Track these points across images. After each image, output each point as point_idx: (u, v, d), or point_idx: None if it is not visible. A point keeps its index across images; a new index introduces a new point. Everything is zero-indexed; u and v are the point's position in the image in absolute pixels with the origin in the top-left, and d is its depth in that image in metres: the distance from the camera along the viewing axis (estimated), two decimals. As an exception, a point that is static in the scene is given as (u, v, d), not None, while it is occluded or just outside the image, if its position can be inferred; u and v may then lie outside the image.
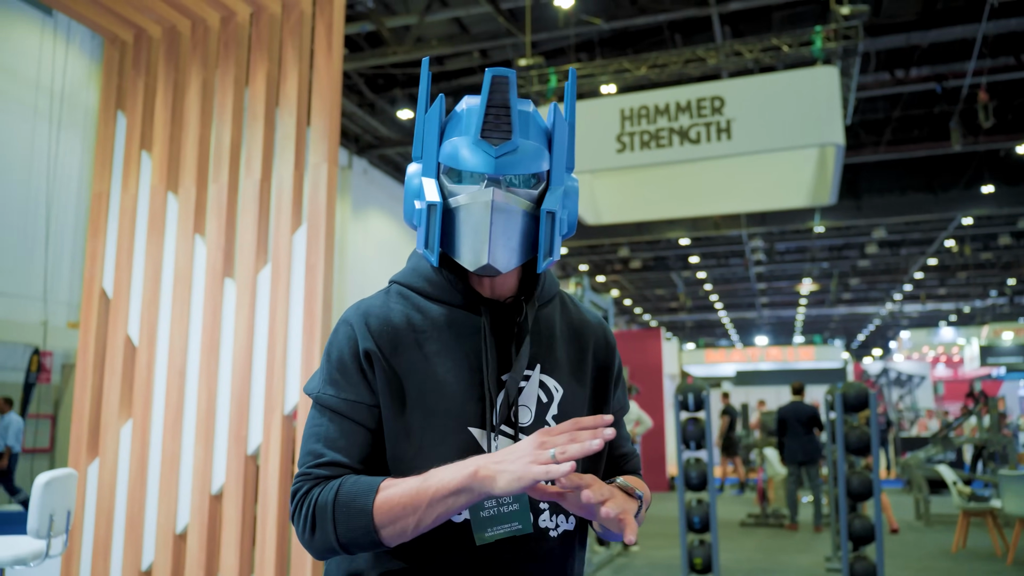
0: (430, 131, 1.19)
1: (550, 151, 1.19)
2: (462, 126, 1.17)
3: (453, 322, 1.20)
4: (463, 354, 1.18)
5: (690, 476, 5.92)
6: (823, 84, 8.67)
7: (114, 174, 4.36)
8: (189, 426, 3.92)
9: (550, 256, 1.17)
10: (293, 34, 4.04)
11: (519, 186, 1.16)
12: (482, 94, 1.13)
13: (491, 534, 1.11)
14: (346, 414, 1.17)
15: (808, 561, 7.17)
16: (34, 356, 11.04)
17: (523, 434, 1.17)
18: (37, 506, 3.22)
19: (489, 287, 1.22)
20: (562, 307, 1.32)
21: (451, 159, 1.16)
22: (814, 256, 22.35)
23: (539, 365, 1.22)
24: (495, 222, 1.12)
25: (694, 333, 37.58)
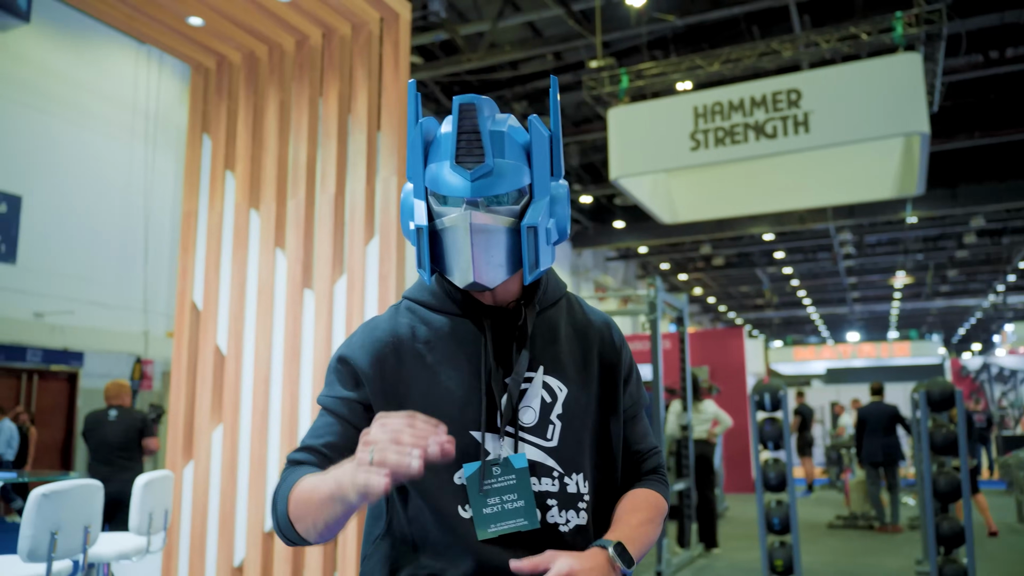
0: (415, 153, 1.25)
1: (530, 164, 1.23)
2: (442, 150, 1.22)
3: (455, 331, 1.27)
4: (465, 360, 1.24)
5: (768, 477, 5.85)
6: (905, 71, 8.39)
7: (201, 194, 4.63)
8: (274, 429, 4.14)
9: (537, 267, 1.21)
10: (362, 53, 4.22)
11: (501, 203, 1.20)
12: (452, 121, 1.19)
13: (494, 530, 1.17)
14: (332, 409, 1.26)
15: (897, 564, 6.97)
16: (136, 364, 11.71)
17: (528, 434, 1.23)
18: (138, 505, 3.48)
19: (491, 296, 1.27)
20: (568, 309, 1.36)
21: (433, 183, 1.22)
22: (907, 248, 21.53)
23: (542, 367, 1.27)
24: (476, 243, 1.18)
25: (781, 330, 36.67)
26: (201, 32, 4.35)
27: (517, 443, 1.22)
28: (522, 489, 1.19)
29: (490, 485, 1.19)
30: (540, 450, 1.23)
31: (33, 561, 2.66)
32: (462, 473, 1.21)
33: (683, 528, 7.27)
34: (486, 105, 1.20)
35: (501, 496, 1.18)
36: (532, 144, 1.23)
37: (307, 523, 1.14)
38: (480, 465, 1.20)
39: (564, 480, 1.23)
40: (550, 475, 1.23)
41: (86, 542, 2.89)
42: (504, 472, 1.20)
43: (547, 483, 1.22)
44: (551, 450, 1.24)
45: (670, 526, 7.73)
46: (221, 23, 4.26)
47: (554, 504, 1.22)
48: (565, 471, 1.24)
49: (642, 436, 1.39)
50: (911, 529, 8.87)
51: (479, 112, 1.18)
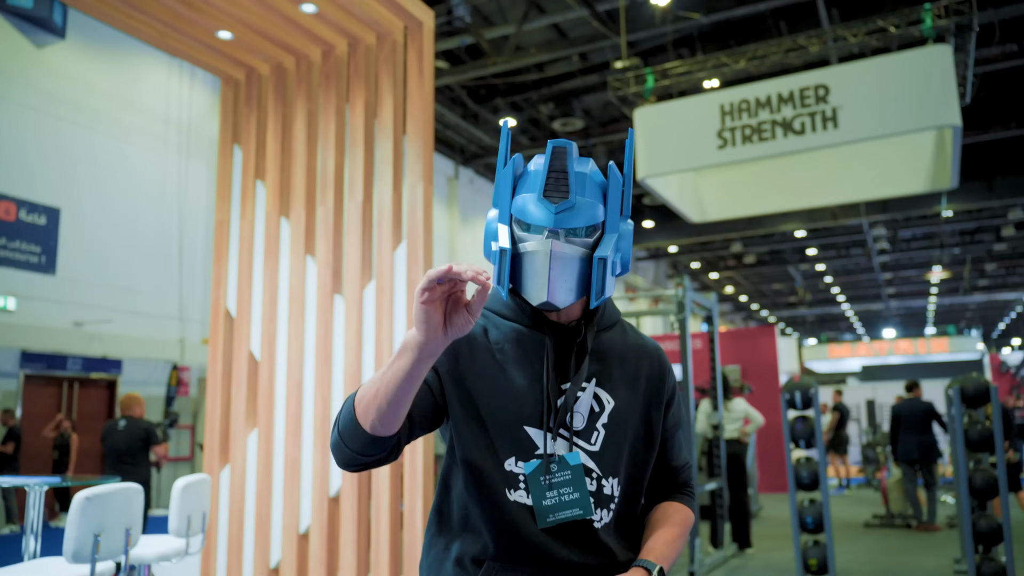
0: (505, 185, 1.41)
1: (605, 203, 1.39)
2: (529, 183, 1.39)
3: (522, 338, 1.42)
4: (528, 364, 1.40)
5: (800, 475, 5.81)
6: (935, 63, 8.28)
7: (233, 203, 4.73)
8: (307, 433, 4.22)
9: (602, 295, 1.37)
10: (387, 62, 4.29)
11: (578, 235, 1.36)
12: (544, 161, 1.37)
13: (553, 519, 1.33)
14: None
15: (935, 563, 6.88)
16: (173, 371, 11.94)
17: (577, 438, 1.38)
18: (176, 508, 3.58)
19: (556, 314, 1.43)
20: (621, 333, 1.52)
21: (520, 212, 1.38)
22: (943, 242, 21.19)
23: (595, 379, 1.42)
24: (553, 268, 1.34)
25: (815, 328, 36.25)
26: (230, 45, 4.45)
27: (572, 444, 1.37)
28: (577, 483, 1.35)
29: (549, 480, 1.34)
30: (584, 453, 1.38)
31: (78, 562, 2.75)
32: (513, 461, 1.36)
33: (716, 528, 7.24)
34: (573, 148, 1.39)
35: (559, 489, 1.34)
36: (608, 186, 1.41)
37: (372, 407, 1.25)
38: (539, 462, 1.35)
39: (601, 482, 1.39)
40: (590, 475, 1.38)
41: (127, 544, 2.98)
42: (560, 468, 1.35)
43: (587, 482, 1.37)
44: (593, 454, 1.39)
45: (702, 526, 7.70)
46: (250, 36, 4.35)
47: (592, 501, 1.37)
48: (603, 474, 1.39)
49: (678, 452, 1.55)
50: (949, 528, 8.74)
51: (568, 155, 1.37)
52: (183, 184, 12.32)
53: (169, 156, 12.19)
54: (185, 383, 11.97)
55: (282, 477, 4.27)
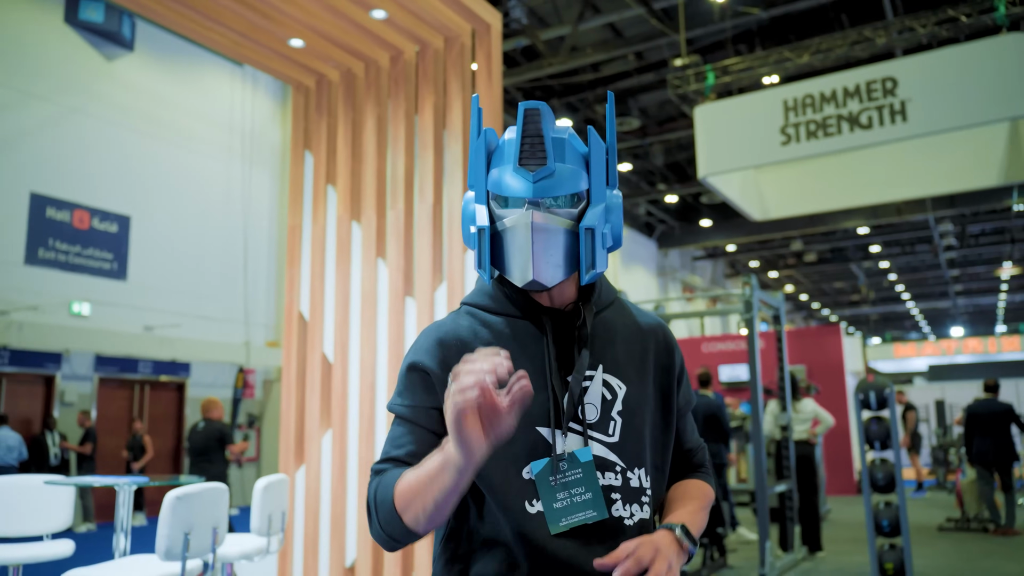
0: (478, 161, 1.31)
1: (588, 171, 1.29)
2: (504, 154, 1.29)
3: (516, 332, 1.31)
4: (528, 360, 1.28)
5: (876, 477, 5.67)
6: (1010, 52, 8.01)
7: (305, 208, 4.82)
8: (381, 434, 4.27)
9: (593, 269, 1.26)
10: (455, 65, 4.32)
11: (560, 206, 1.26)
12: (517, 126, 1.26)
13: (565, 523, 1.21)
14: (408, 417, 1.28)
15: (1017, 569, 6.64)
16: (239, 374, 12.20)
17: (591, 430, 1.26)
18: (258, 508, 3.65)
19: (548, 298, 1.31)
20: (622, 311, 1.40)
21: (496, 186, 1.28)
22: (1014, 237, 20.46)
23: (601, 365, 1.31)
24: (536, 241, 1.23)
25: (879, 327, 35.35)
26: (301, 53, 4.53)
27: (587, 439, 1.25)
28: (589, 482, 1.23)
29: (558, 480, 1.22)
30: (603, 445, 1.27)
31: (169, 560, 2.82)
32: (530, 468, 1.24)
33: (785, 531, 7.11)
34: (548, 112, 1.27)
35: (570, 490, 1.22)
36: (591, 153, 1.30)
37: (416, 508, 1.16)
38: (548, 461, 1.23)
39: (627, 475, 1.27)
40: (613, 469, 1.26)
41: (215, 542, 3.05)
42: (571, 467, 1.23)
43: (611, 477, 1.26)
44: (613, 445, 1.27)
45: (772, 529, 7.56)
46: (320, 43, 4.43)
47: (618, 498, 1.26)
48: (627, 465, 1.27)
49: (691, 433, 1.45)
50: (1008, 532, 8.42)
51: (543, 117, 1.25)
52: (247, 191, 12.60)
53: (233, 164, 12.48)
54: (251, 385, 12.23)
55: (356, 477, 4.32)
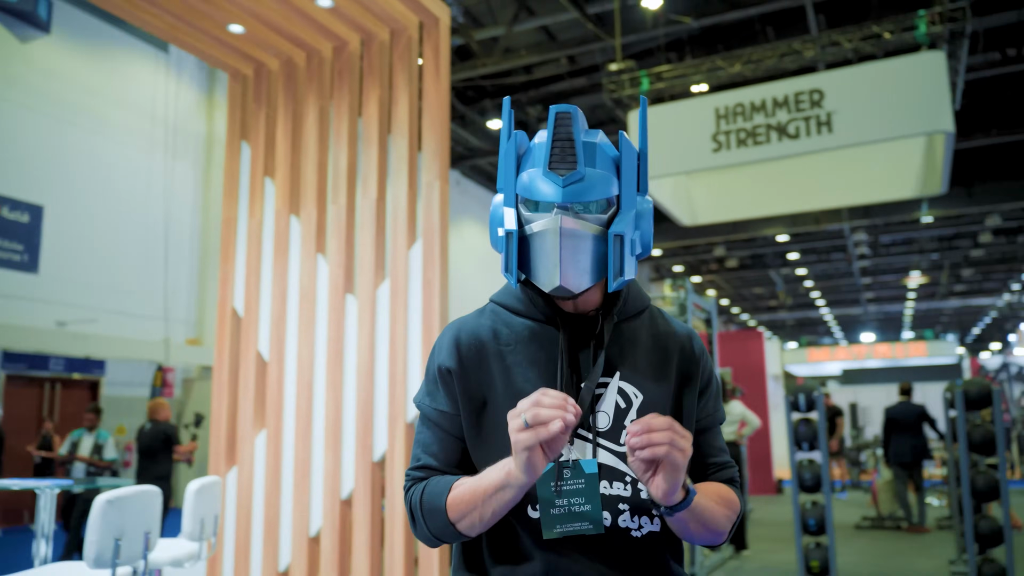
0: (508, 164, 1.29)
1: (619, 177, 1.27)
2: (534, 158, 1.27)
3: (535, 335, 1.30)
4: (543, 363, 1.27)
5: (804, 478, 5.83)
6: (929, 69, 8.37)
7: (240, 200, 4.65)
8: (318, 435, 4.15)
9: (621, 276, 1.24)
10: (402, 59, 4.23)
11: (590, 212, 1.24)
12: (547, 129, 1.24)
13: (559, 530, 1.18)
14: (437, 422, 1.31)
15: (930, 565, 6.93)
16: (158, 372, 11.75)
17: (601, 439, 1.24)
18: (190, 511, 3.49)
19: (573, 304, 1.30)
20: (651, 321, 1.38)
21: (525, 190, 1.26)
22: (922, 247, 21.44)
23: (619, 373, 1.29)
24: (564, 247, 1.21)
25: (795, 332, 36.55)
26: (241, 39, 4.38)
27: (596, 448, 1.23)
28: (590, 494, 1.19)
29: (560, 487, 1.19)
30: (613, 455, 1.24)
31: (99, 567, 2.67)
32: None
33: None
34: (579, 116, 1.24)
35: (569, 499, 1.19)
36: (622, 158, 1.28)
37: (472, 518, 1.20)
38: (552, 466, 1.19)
39: (637, 486, 1.23)
40: (623, 480, 1.23)
41: (147, 548, 2.90)
42: (574, 475, 1.20)
43: (619, 487, 1.23)
44: (624, 455, 1.24)
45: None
46: (260, 30, 4.28)
47: (626, 509, 1.23)
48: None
49: (718, 450, 1.39)
50: (939, 529, 8.82)
51: (574, 121, 1.23)
52: (169, 183, 12.15)
53: (155, 154, 12.02)
54: (170, 384, 11.79)
55: (292, 479, 4.19)
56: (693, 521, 1.19)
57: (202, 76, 12.96)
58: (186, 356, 12.11)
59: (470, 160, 16.72)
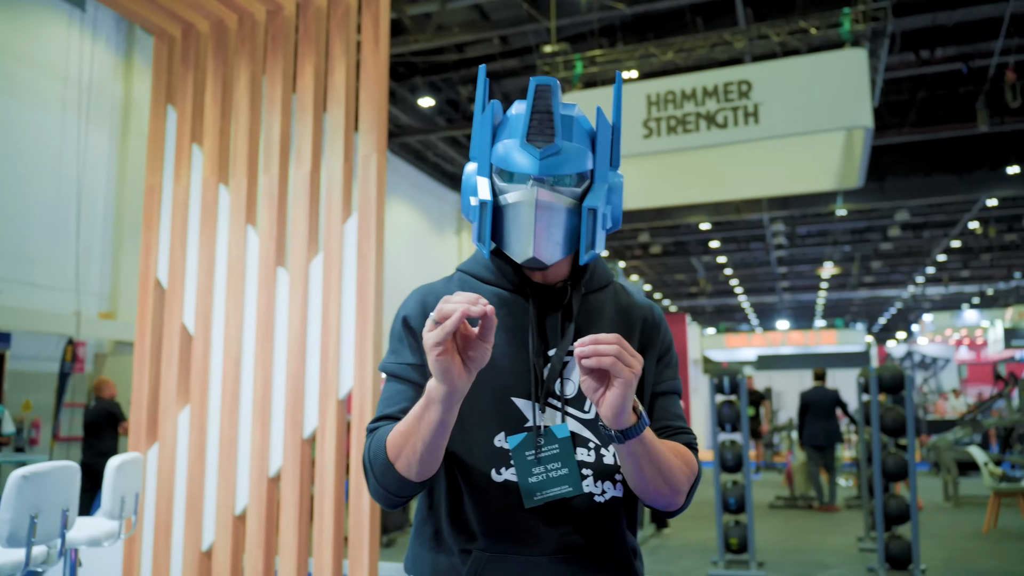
0: (483, 133, 1.30)
1: (594, 151, 1.29)
2: (511, 128, 1.28)
3: (505, 304, 1.31)
4: (514, 332, 1.29)
5: (726, 458, 6.00)
6: (852, 66, 8.65)
7: (166, 167, 4.46)
8: (246, 411, 4.03)
9: (592, 249, 1.26)
10: (340, 27, 4.12)
11: (565, 185, 1.26)
12: (527, 101, 1.25)
13: (540, 497, 1.21)
14: (398, 374, 1.31)
15: (840, 541, 7.24)
16: (68, 346, 11.24)
17: (568, 406, 1.27)
18: (110, 488, 3.35)
19: (541, 275, 1.32)
20: (615, 294, 1.41)
21: (501, 160, 1.27)
22: (836, 239, 22.26)
23: None
24: (539, 219, 1.23)
25: (714, 318, 37.54)
26: (169, -2, 4.18)
27: (564, 414, 1.26)
28: (566, 457, 1.22)
29: (534, 454, 1.22)
30: (578, 422, 1.27)
31: (13, 546, 2.53)
32: (502, 436, 1.24)
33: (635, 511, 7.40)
34: (558, 89, 1.26)
35: (546, 465, 1.22)
36: (597, 132, 1.31)
37: (408, 453, 1.17)
38: (527, 435, 1.23)
39: (600, 451, 1.26)
40: (587, 446, 1.26)
41: (64, 526, 2.77)
42: (548, 442, 1.23)
43: (583, 453, 1.26)
44: (588, 422, 1.27)
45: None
46: (191, -11, 4.10)
47: (590, 474, 1.26)
48: (602, 442, 1.27)
49: (676, 416, 1.39)
50: (847, 509, 9.22)
51: (554, 95, 1.25)
52: (82, 148, 11.59)
53: (68, 118, 11.44)
54: (81, 359, 11.30)
55: (216, 456, 4.07)
56: (646, 461, 1.18)
57: (120, 38, 12.38)
58: (99, 330, 11.62)
59: (399, 138, 16.49)
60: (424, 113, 15.08)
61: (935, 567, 6.07)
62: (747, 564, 5.98)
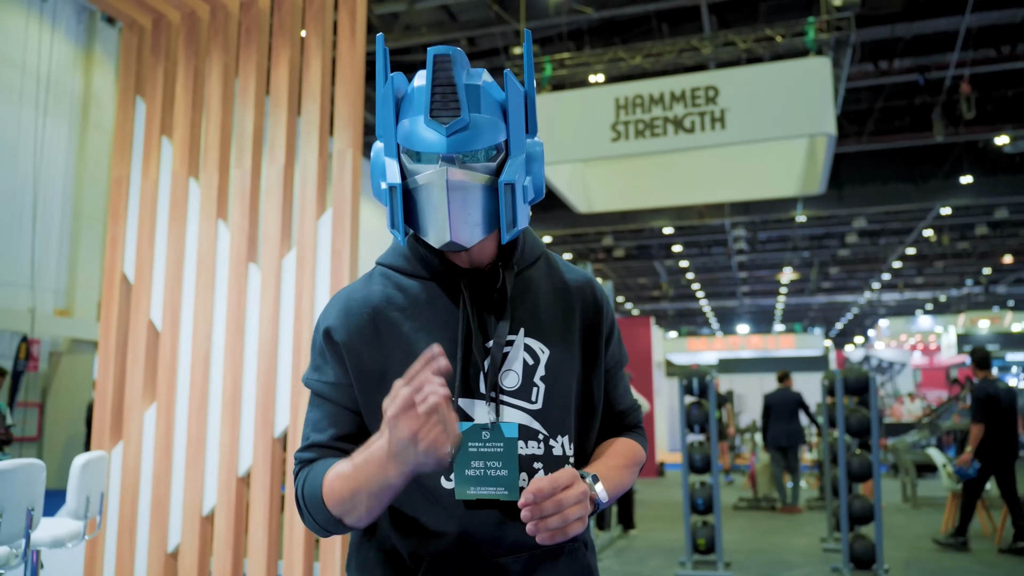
0: (387, 109, 1.19)
1: (506, 120, 1.19)
2: (415, 104, 1.18)
3: (432, 296, 1.23)
4: (444, 325, 1.21)
5: (694, 459, 6.04)
6: (816, 74, 8.80)
7: (134, 160, 4.36)
8: (215, 409, 3.95)
9: (514, 226, 1.19)
10: (316, 20, 4.07)
11: (478, 160, 1.17)
12: (427, 74, 1.14)
13: (473, 492, 1.15)
14: (327, 396, 1.23)
15: (804, 542, 7.34)
16: (22, 344, 10.94)
17: (513, 398, 1.21)
18: (75, 488, 3.25)
19: (467, 257, 1.24)
20: (548, 268, 1.33)
21: (407, 140, 1.17)
22: (795, 245, 22.61)
23: (523, 329, 1.24)
24: (452, 200, 1.14)
25: (676, 321, 37.91)
26: (139, -13, 4.09)
27: (499, 408, 1.19)
28: (508, 459, 1.17)
29: (477, 448, 1.17)
30: (525, 413, 1.21)
31: (-22, 546, 2.45)
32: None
33: (602, 511, 7.42)
34: (460, 58, 1.15)
35: (486, 461, 1.16)
36: (508, 100, 1.19)
37: (350, 512, 1.12)
38: (472, 425, 1.17)
39: (549, 443, 1.21)
40: (536, 437, 1.20)
41: (29, 525, 2.68)
42: (493, 438, 1.17)
43: (533, 446, 1.20)
44: (536, 413, 1.21)
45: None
46: (162, -21, 4.02)
47: (540, 467, 1.20)
48: (550, 433, 1.22)
49: (623, 394, 1.40)
50: (809, 510, 9.36)
51: (455, 64, 1.13)
52: (40, 141, 11.30)
53: (25, 109, 11.15)
54: (36, 357, 11.02)
55: (184, 455, 3.98)
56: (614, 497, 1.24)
57: (80, 28, 12.10)
58: (54, 327, 11.35)
59: (366, 136, 16.39)
60: (391, 113, 14.96)
61: (896, 567, 6.18)
62: (714, 564, 6.03)
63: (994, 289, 27.77)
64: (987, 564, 6.36)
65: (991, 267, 24.59)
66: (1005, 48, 11.89)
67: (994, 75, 13.13)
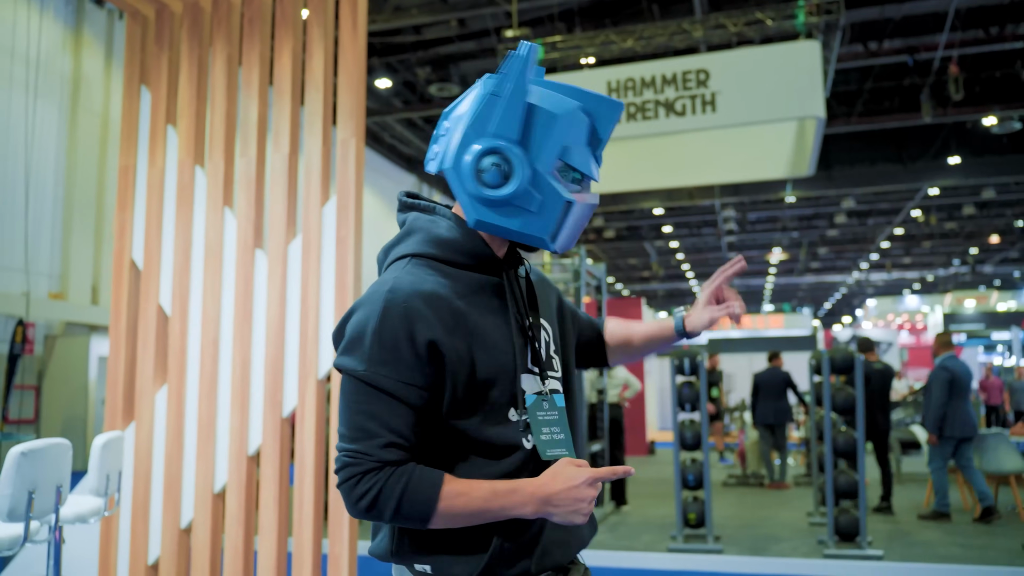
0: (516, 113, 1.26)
1: None
2: (577, 129, 1.30)
3: (478, 284, 1.35)
4: (497, 311, 1.34)
5: (685, 436, 6.22)
6: (806, 57, 8.90)
7: (140, 148, 4.45)
8: (224, 391, 4.08)
9: None
10: (318, 10, 4.15)
11: None
12: (610, 122, 1.37)
13: (551, 453, 1.31)
14: (397, 394, 1.22)
15: (791, 516, 7.55)
16: (18, 327, 11.01)
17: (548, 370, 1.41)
18: (96, 466, 3.38)
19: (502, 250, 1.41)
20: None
21: (583, 164, 1.31)
22: (784, 226, 22.80)
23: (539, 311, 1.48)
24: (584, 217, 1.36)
25: (666, 302, 38.17)
26: (144, -22, 4.16)
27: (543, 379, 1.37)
28: (562, 424, 1.35)
29: (543, 416, 1.33)
30: (557, 381, 1.42)
31: (13, 521, 2.57)
32: (513, 412, 1.31)
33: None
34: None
35: (551, 427, 1.33)
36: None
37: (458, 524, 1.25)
38: (537, 397, 1.34)
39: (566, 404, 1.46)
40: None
41: (58, 502, 2.81)
42: (550, 407, 1.35)
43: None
44: (560, 380, 1.44)
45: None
46: (167, -30, 4.09)
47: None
48: (566, 396, 1.46)
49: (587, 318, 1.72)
50: (796, 486, 9.58)
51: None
52: (30, 124, 11.30)
53: (15, 94, 11.14)
54: (31, 341, 11.08)
55: (195, 435, 4.11)
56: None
57: (68, 11, 12.07)
58: (49, 311, 11.42)
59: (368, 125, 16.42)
60: (380, 95, 15.00)
61: (879, 540, 6.39)
62: (705, 538, 6.22)
63: (981, 269, 28.10)
64: (966, 536, 6.58)
65: (978, 247, 24.88)
66: (993, 29, 12.02)
67: (982, 56, 13.26)
